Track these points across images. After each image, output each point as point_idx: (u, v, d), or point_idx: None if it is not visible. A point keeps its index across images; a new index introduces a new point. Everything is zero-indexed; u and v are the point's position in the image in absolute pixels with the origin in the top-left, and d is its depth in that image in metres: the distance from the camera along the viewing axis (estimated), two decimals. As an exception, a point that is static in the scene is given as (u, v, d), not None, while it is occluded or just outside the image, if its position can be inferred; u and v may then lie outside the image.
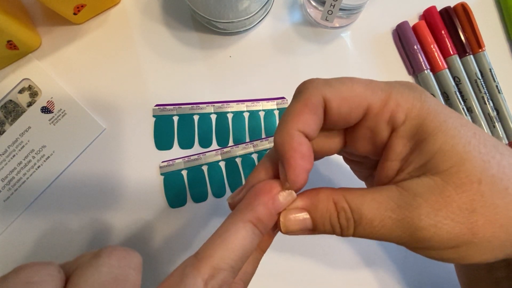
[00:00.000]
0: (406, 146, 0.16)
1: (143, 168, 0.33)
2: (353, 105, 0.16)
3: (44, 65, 0.33)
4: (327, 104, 0.16)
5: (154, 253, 0.32)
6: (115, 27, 0.34)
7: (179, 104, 0.34)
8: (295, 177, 0.16)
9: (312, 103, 0.16)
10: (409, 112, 0.16)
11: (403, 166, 0.16)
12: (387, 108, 0.16)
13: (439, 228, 0.14)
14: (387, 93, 0.16)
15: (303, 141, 0.16)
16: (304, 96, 0.17)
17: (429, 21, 0.35)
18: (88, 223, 0.32)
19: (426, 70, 0.33)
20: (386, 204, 0.15)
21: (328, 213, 0.17)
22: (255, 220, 0.16)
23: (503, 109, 0.34)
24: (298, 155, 0.16)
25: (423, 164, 0.16)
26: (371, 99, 0.16)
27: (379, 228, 0.15)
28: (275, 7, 0.35)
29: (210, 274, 0.15)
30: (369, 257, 0.32)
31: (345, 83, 0.17)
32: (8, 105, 0.33)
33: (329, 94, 0.16)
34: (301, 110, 0.16)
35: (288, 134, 0.16)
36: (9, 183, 0.32)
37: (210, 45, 0.35)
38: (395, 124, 0.16)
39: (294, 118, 0.16)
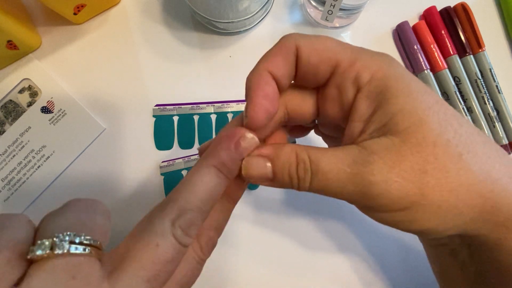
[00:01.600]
0: (369, 107, 0.17)
1: (143, 168, 0.33)
2: (323, 57, 0.17)
3: (44, 65, 0.33)
4: (299, 52, 0.17)
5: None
6: (115, 27, 0.34)
7: (179, 104, 0.34)
8: (254, 114, 0.17)
9: (285, 48, 0.17)
10: (375, 73, 0.16)
11: (365, 127, 0.17)
12: (354, 67, 0.17)
13: (390, 185, 0.15)
14: (357, 54, 0.17)
15: (270, 82, 0.17)
16: (279, 43, 0.18)
17: (429, 21, 0.35)
18: (88, 223, 0.32)
19: (426, 70, 0.33)
20: (344, 159, 0.16)
21: (288, 163, 0.17)
22: (219, 164, 0.17)
23: (503, 109, 0.34)
24: (261, 93, 0.17)
25: (384, 124, 0.16)
26: (340, 56, 0.17)
27: (333, 181, 0.16)
28: (275, 7, 0.35)
29: (177, 214, 0.15)
30: (367, 259, 0.32)
31: (319, 38, 0.17)
32: (8, 105, 0.33)
33: (302, 43, 0.17)
34: (274, 54, 0.17)
35: (257, 72, 0.17)
36: (9, 183, 0.32)
37: (210, 45, 0.35)
38: (360, 84, 0.17)
39: (266, 60, 0.17)
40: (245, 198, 0.32)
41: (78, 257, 0.13)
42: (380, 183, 0.15)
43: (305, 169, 0.16)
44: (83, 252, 0.13)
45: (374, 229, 0.32)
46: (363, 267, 0.32)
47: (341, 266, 0.32)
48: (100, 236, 0.15)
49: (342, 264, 0.32)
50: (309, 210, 0.32)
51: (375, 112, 0.16)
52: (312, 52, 0.17)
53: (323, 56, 0.17)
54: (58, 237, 0.13)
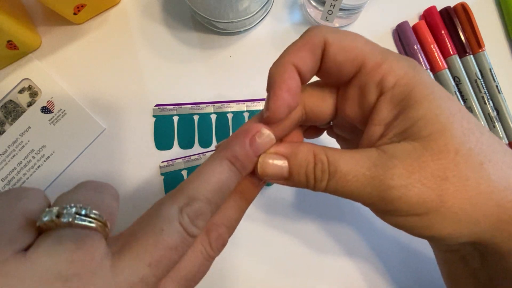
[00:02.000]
0: (391, 111, 0.16)
1: (143, 168, 0.33)
2: (350, 56, 0.17)
3: (44, 65, 0.33)
4: (326, 47, 0.17)
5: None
6: (115, 27, 0.34)
7: (179, 104, 0.34)
8: (275, 107, 0.16)
9: (313, 42, 0.17)
10: (400, 78, 0.16)
11: (386, 131, 0.17)
12: (380, 69, 0.16)
13: (409, 190, 0.15)
14: (384, 56, 0.17)
15: (294, 76, 0.17)
16: (307, 36, 0.17)
17: (429, 21, 0.35)
18: (88, 223, 0.32)
19: (426, 70, 0.33)
20: (363, 162, 0.16)
21: (305, 163, 0.17)
22: (232, 157, 0.17)
23: (503, 109, 0.34)
24: (285, 87, 0.16)
25: (405, 129, 0.16)
26: (367, 56, 0.17)
27: (351, 183, 0.16)
28: (275, 7, 0.35)
29: (185, 202, 0.15)
30: (374, 261, 0.32)
31: (348, 34, 0.17)
32: (8, 105, 0.33)
33: (331, 38, 0.16)
34: (300, 47, 0.17)
35: (281, 65, 0.17)
36: (9, 183, 0.32)
37: (210, 45, 0.35)
38: (384, 87, 0.16)
39: (291, 52, 0.17)
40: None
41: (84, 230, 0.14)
42: (399, 188, 0.15)
43: (323, 170, 0.16)
44: (88, 224, 0.14)
45: (381, 233, 0.32)
46: (369, 270, 0.32)
47: (347, 268, 0.32)
48: (107, 214, 0.15)
49: (348, 267, 0.32)
50: (315, 211, 0.32)
51: (397, 117, 0.16)
52: (340, 49, 0.17)
53: (350, 55, 0.17)
54: (65, 208, 0.13)
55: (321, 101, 0.19)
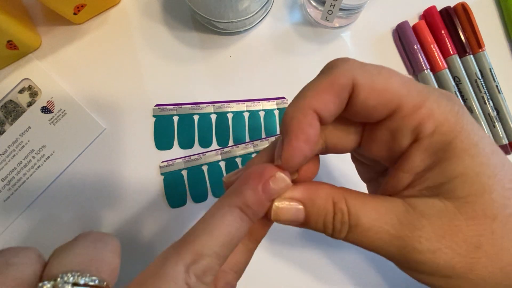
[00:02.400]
0: (425, 161, 0.15)
1: (143, 168, 0.33)
2: (383, 100, 0.14)
3: (44, 65, 0.33)
4: (355, 90, 0.14)
5: (154, 254, 0.32)
6: (115, 27, 0.34)
7: (179, 104, 0.34)
8: (290, 157, 0.15)
9: (339, 84, 0.14)
10: (440, 125, 0.14)
11: (415, 181, 0.15)
12: (418, 114, 0.14)
13: (437, 256, 0.14)
14: (423, 98, 0.14)
15: (314, 124, 0.15)
16: (333, 74, 0.15)
17: (429, 21, 0.35)
18: (88, 223, 0.32)
19: (426, 70, 0.33)
20: (387, 217, 0.14)
21: (324, 211, 0.15)
22: (243, 205, 0.15)
23: (503, 109, 0.34)
24: (303, 137, 0.15)
25: (439, 184, 0.14)
26: (403, 100, 0.14)
27: (373, 240, 0.14)
28: (275, 7, 0.35)
29: (192, 259, 0.14)
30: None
31: (382, 73, 0.15)
32: (8, 105, 0.33)
33: (361, 80, 0.14)
34: (324, 88, 0.15)
35: (301, 110, 0.15)
36: (9, 183, 0.32)
37: (210, 45, 0.35)
38: (421, 134, 0.14)
39: (314, 95, 0.15)
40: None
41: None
42: (426, 253, 0.14)
43: (343, 222, 0.15)
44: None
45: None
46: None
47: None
48: (108, 275, 0.14)
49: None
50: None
51: (431, 168, 0.15)
52: (372, 92, 0.14)
53: (383, 98, 0.14)
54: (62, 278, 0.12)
55: (344, 137, 0.17)
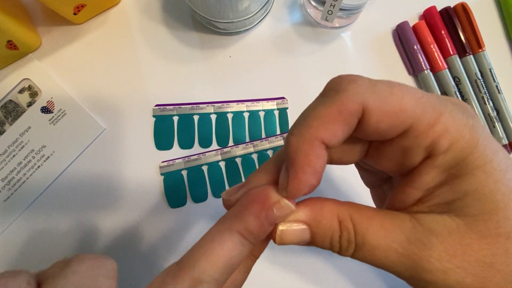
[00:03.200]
0: (437, 178, 0.14)
1: (143, 168, 0.33)
2: (396, 122, 0.13)
3: (44, 65, 0.33)
4: (366, 114, 0.13)
5: (154, 254, 0.32)
6: (115, 27, 0.34)
7: (179, 104, 0.34)
8: (297, 191, 0.14)
9: (348, 111, 0.13)
10: (456, 142, 0.13)
11: (425, 197, 0.15)
12: (433, 131, 0.13)
13: (448, 276, 0.13)
14: (437, 113, 0.14)
15: (322, 155, 0.14)
16: (341, 100, 0.14)
17: (429, 21, 0.35)
18: (88, 223, 0.32)
19: (426, 70, 0.33)
20: (395, 235, 0.14)
21: (330, 231, 0.15)
22: (245, 231, 0.14)
23: (503, 109, 0.34)
24: (310, 170, 0.14)
25: (450, 201, 0.14)
26: (418, 119, 0.13)
27: (380, 258, 0.14)
28: (275, 7, 0.35)
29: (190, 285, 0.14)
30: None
31: (394, 92, 0.13)
32: (8, 105, 0.33)
33: (372, 104, 0.13)
34: (332, 117, 0.14)
35: (308, 142, 0.14)
36: (9, 183, 0.32)
37: (210, 45, 0.35)
38: (435, 151, 0.14)
39: (321, 124, 0.14)
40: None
41: None
42: (436, 273, 0.13)
43: (349, 240, 0.14)
44: None
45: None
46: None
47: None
48: None
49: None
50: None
51: (443, 185, 0.14)
52: (384, 116, 0.13)
53: (397, 121, 0.13)
54: None
55: (349, 151, 0.17)
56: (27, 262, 0.31)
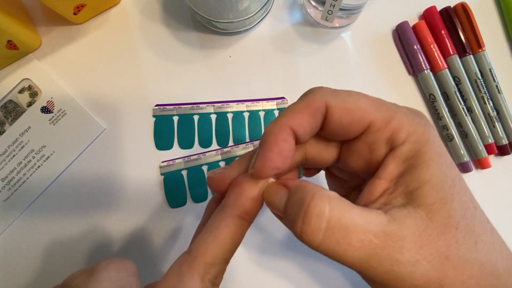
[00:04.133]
0: (398, 167, 0.16)
1: (143, 168, 0.33)
2: (355, 118, 0.16)
3: (44, 65, 0.33)
4: (329, 111, 0.16)
5: (154, 253, 0.32)
6: (115, 27, 0.34)
7: (179, 104, 0.34)
8: (262, 167, 0.16)
9: (313, 106, 0.16)
10: (410, 135, 0.16)
11: (390, 187, 0.16)
12: (390, 126, 0.16)
13: (417, 268, 0.14)
14: (392, 112, 0.16)
15: (288, 139, 0.16)
16: (308, 99, 0.17)
17: (429, 21, 0.35)
18: (88, 223, 0.32)
19: (426, 70, 0.33)
20: (372, 226, 0.14)
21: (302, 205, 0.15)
22: (244, 214, 0.17)
23: (503, 109, 0.34)
24: (276, 149, 0.16)
25: (411, 190, 0.15)
26: (374, 116, 0.16)
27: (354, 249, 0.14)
28: (275, 7, 0.35)
29: (205, 269, 0.16)
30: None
31: (351, 95, 0.16)
32: (8, 105, 0.33)
33: (333, 102, 0.16)
34: (300, 110, 0.16)
35: (278, 126, 0.16)
36: (9, 183, 0.32)
37: (210, 45, 0.35)
38: (394, 144, 0.16)
39: (290, 115, 0.16)
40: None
41: None
42: (407, 264, 0.14)
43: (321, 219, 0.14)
44: None
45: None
46: None
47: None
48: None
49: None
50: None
51: (404, 174, 0.16)
52: (344, 112, 0.16)
53: (355, 117, 0.16)
54: None
55: (324, 151, 0.19)
56: (27, 262, 0.31)
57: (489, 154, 0.34)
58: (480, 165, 0.34)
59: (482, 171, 0.34)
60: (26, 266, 0.31)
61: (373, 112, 0.16)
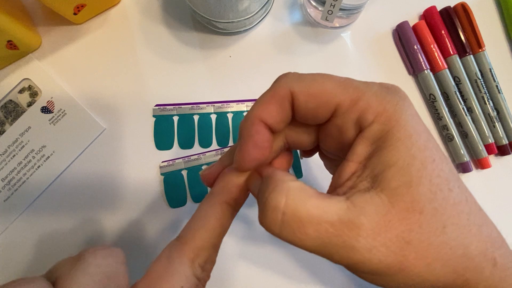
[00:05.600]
0: (366, 149, 0.16)
1: (143, 168, 0.33)
2: (321, 102, 0.16)
3: (44, 65, 0.33)
4: (294, 98, 0.16)
5: (154, 253, 0.32)
6: (115, 27, 0.34)
7: (179, 104, 0.34)
8: (242, 161, 0.17)
9: (279, 95, 0.16)
10: (379, 115, 0.15)
11: (358, 170, 0.16)
12: (356, 107, 0.16)
13: (373, 254, 0.14)
14: (359, 92, 0.16)
15: (261, 131, 0.17)
16: (273, 88, 0.17)
17: (429, 21, 0.35)
18: (88, 223, 0.32)
19: (426, 70, 0.33)
20: (329, 215, 0.14)
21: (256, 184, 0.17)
22: (231, 200, 0.18)
23: (503, 109, 0.34)
24: (251, 143, 0.17)
25: (377, 174, 0.15)
26: (339, 97, 0.16)
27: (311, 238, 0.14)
28: (275, 7, 0.35)
29: (195, 254, 0.17)
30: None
31: (316, 79, 0.16)
32: (8, 105, 0.33)
33: (297, 88, 0.16)
34: (267, 101, 0.17)
35: (249, 120, 0.17)
36: (9, 183, 0.32)
37: (210, 45, 0.35)
38: (362, 125, 0.16)
39: (259, 107, 0.17)
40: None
41: None
42: (362, 251, 0.14)
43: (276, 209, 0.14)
44: None
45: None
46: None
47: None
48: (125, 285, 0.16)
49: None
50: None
51: (371, 156, 0.16)
52: (309, 97, 0.16)
53: (320, 100, 0.16)
54: None
55: (301, 134, 0.19)
56: (27, 262, 0.31)
57: (489, 154, 0.34)
58: (480, 165, 0.34)
59: (482, 171, 0.34)
60: (26, 266, 0.31)
61: (338, 94, 0.16)
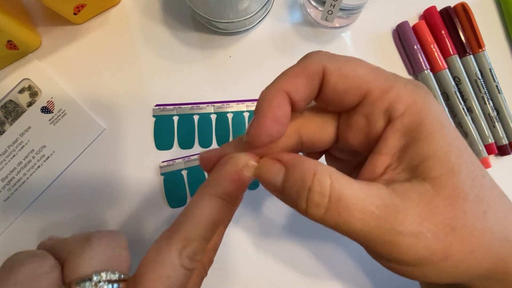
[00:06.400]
0: (399, 141, 0.15)
1: (143, 168, 0.33)
2: (352, 85, 0.15)
3: (44, 65, 0.33)
4: (326, 76, 0.15)
5: (154, 253, 0.32)
6: (115, 27, 0.34)
7: (179, 104, 0.34)
8: (256, 134, 0.16)
9: (310, 70, 0.15)
10: (410, 106, 0.15)
11: (392, 163, 0.15)
12: (388, 96, 0.15)
13: (420, 240, 0.13)
14: (390, 82, 0.15)
15: (284, 104, 0.16)
16: (304, 63, 0.16)
17: (429, 21, 0.35)
18: (88, 223, 0.32)
19: (426, 70, 0.33)
20: (373, 198, 0.14)
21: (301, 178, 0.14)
22: (222, 194, 0.16)
23: (503, 109, 0.34)
24: (270, 115, 0.15)
25: (415, 166, 0.15)
26: (372, 84, 0.15)
27: (356, 220, 0.14)
28: (275, 7, 0.35)
29: (183, 245, 0.16)
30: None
31: (349, 61, 0.16)
32: (8, 105, 0.33)
33: (331, 66, 0.15)
34: (295, 74, 0.16)
35: (273, 91, 0.16)
36: (9, 183, 0.32)
37: (210, 45, 0.35)
38: (393, 115, 0.15)
39: (286, 78, 0.16)
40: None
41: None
42: (409, 236, 0.13)
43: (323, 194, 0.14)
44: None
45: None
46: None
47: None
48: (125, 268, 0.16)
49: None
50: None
51: (406, 149, 0.15)
52: (341, 78, 0.15)
53: (352, 84, 0.15)
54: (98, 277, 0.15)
55: (320, 130, 0.18)
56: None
57: (489, 154, 0.34)
58: (480, 165, 0.34)
59: (482, 171, 0.34)
60: (26, 266, 0.31)
61: (371, 81, 0.15)
